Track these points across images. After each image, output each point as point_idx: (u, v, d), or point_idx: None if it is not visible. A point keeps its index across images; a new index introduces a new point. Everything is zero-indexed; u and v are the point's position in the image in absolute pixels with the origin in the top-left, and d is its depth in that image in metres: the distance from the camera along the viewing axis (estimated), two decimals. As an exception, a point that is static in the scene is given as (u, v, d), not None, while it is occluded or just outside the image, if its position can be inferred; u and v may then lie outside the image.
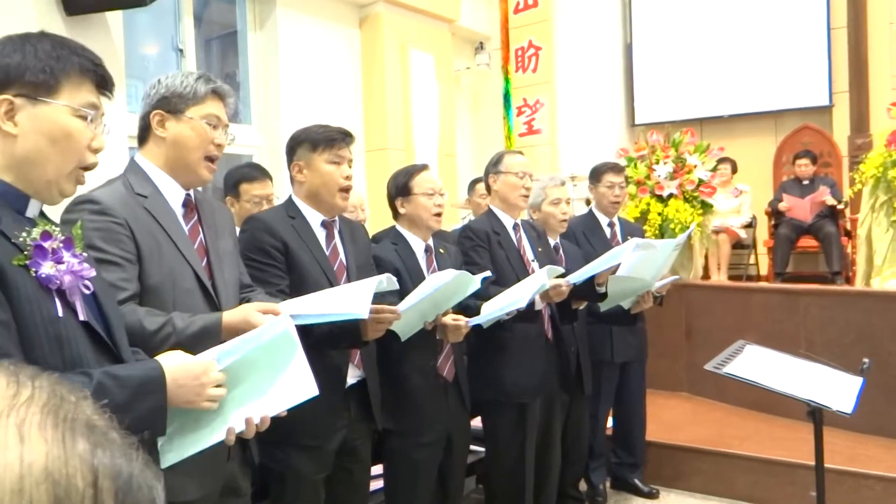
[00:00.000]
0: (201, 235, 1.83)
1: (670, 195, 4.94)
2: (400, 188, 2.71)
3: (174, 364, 1.31)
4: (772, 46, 6.71)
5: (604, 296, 3.02)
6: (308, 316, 1.81)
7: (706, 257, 5.76)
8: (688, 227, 4.80)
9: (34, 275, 1.17)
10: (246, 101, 5.53)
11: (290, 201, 2.37)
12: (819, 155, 6.35)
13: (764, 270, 6.50)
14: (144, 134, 1.81)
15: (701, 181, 4.96)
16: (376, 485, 2.76)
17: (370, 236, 2.80)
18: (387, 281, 2.03)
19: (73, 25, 4.20)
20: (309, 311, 1.81)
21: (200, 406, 1.34)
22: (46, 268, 1.18)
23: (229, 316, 1.66)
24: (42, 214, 1.30)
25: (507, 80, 6.90)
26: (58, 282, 1.19)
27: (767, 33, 6.74)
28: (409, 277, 2.60)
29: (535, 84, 6.79)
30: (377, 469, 2.73)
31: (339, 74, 5.84)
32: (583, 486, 3.79)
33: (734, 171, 6.38)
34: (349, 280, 2.30)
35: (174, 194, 1.79)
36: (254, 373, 1.44)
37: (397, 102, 5.95)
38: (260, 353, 1.43)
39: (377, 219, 4.70)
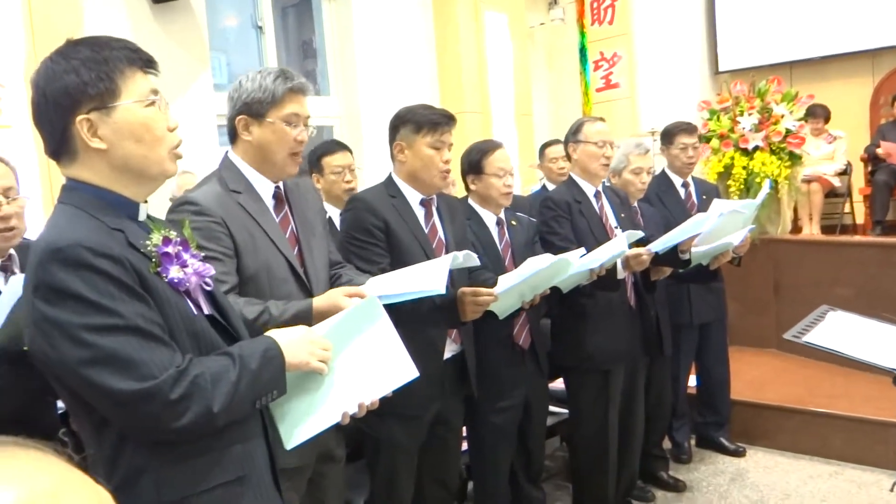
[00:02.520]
0: (292, 224, 1.95)
1: (756, 148, 4.77)
2: (472, 166, 2.76)
3: (281, 331, 1.45)
4: (868, -20, 6.29)
5: (687, 262, 3.00)
6: (390, 296, 1.90)
7: (795, 210, 5.56)
8: (774, 181, 4.65)
9: (166, 280, 1.30)
10: (324, 73, 5.65)
11: (389, 180, 2.45)
12: (922, 95, 5.96)
13: (860, 219, 6.22)
14: (233, 135, 1.93)
15: (788, 132, 4.76)
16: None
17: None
18: (463, 257, 2.09)
19: (160, 11, 4.40)
20: (390, 290, 1.91)
21: (313, 367, 1.44)
22: (174, 272, 1.30)
23: (319, 302, 1.79)
24: (148, 216, 1.41)
25: (582, 34, 6.76)
26: (187, 284, 1.32)
27: (863, -35, 6.32)
28: (483, 250, 2.67)
29: (611, 36, 6.62)
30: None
31: (413, 40, 5.87)
32: (667, 444, 3.83)
33: (826, 120, 6.07)
34: None
35: (265, 188, 1.92)
36: (353, 348, 1.54)
37: (472, 65, 5.94)
38: (349, 321, 1.55)
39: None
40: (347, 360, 1.53)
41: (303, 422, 1.51)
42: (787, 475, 3.70)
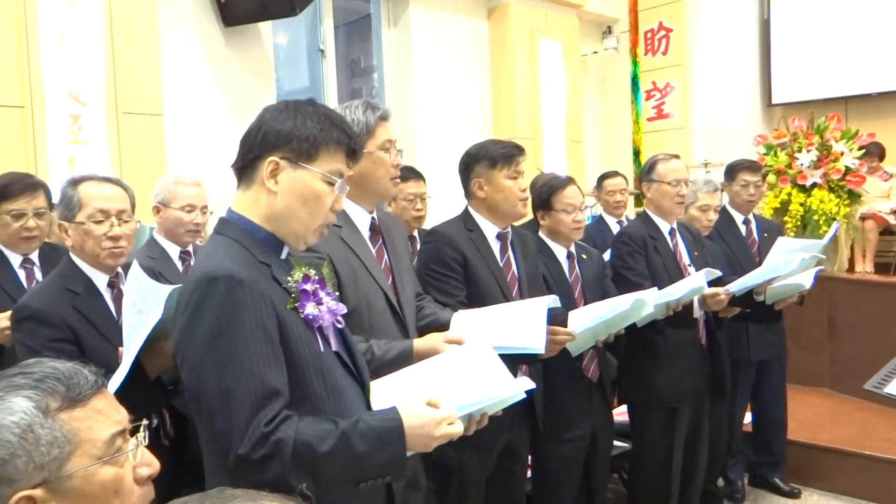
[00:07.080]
0: (386, 256, 2.01)
1: (814, 185, 4.74)
2: (541, 201, 2.79)
3: (413, 414, 1.33)
4: (928, 16, 6.24)
5: (761, 304, 2.99)
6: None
7: (852, 248, 5.50)
8: (832, 219, 4.61)
9: (302, 315, 1.36)
10: (381, 96, 5.75)
11: (467, 214, 2.50)
12: (982, 134, 5.87)
13: (915, 258, 6.11)
14: None
15: (848, 169, 4.72)
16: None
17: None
18: (552, 303, 2.16)
19: (229, 35, 4.54)
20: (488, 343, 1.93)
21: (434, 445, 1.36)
22: (310, 308, 1.37)
23: (419, 344, 1.84)
24: (289, 254, 1.48)
25: (635, 64, 6.78)
26: (320, 321, 1.38)
27: (923, 2, 6.26)
28: (554, 283, 2.70)
29: (665, 67, 6.63)
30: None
31: (468, 66, 5.96)
32: (720, 482, 3.79)
33: (881, 158, 6.00)
34: (520, 291, 2.44)
35: (362, 220, 1.98)
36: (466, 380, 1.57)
37: (525, 91, 6.01)
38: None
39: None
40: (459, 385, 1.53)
41: None
42: (844, 520, 3.64)
